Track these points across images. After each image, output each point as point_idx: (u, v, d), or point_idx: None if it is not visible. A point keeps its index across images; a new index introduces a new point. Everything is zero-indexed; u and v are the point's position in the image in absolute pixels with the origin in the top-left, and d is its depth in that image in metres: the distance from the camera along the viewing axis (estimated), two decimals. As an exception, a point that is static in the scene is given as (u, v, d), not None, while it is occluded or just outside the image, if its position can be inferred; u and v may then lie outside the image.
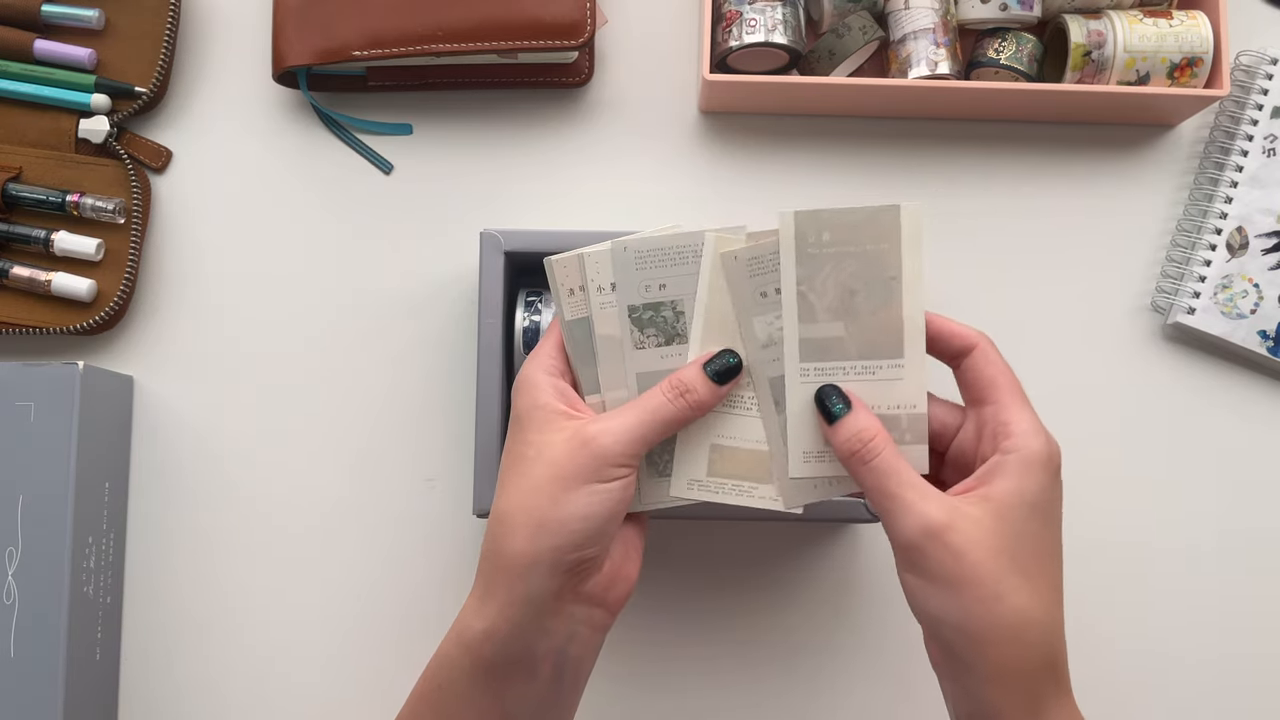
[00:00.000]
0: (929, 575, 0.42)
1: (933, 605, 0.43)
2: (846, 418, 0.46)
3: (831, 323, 0.48)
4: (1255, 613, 0.71)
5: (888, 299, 0.47)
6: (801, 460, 0.48)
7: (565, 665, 0.47)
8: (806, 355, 0.48)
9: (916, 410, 0.48)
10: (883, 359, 0.48)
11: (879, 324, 0.47)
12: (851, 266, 0.47)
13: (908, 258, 0.47)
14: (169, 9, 0.72)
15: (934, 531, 0.42)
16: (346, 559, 0.71)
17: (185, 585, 0.70)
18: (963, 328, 0.47)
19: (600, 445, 0.45)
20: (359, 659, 0.70)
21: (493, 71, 0.73)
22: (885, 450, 0.45)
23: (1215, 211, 0.72)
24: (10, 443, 0.63)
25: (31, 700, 0.62)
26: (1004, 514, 0.43)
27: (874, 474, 0.44)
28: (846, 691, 0.70)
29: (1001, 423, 0.45)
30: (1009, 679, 0.42)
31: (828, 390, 0.47)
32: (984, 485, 0.44)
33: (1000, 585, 0.42)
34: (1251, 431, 0.72)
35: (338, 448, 0.71)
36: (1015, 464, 0.44)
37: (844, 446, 0.46)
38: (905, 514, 0.43)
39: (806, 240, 0.47)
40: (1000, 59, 0.71)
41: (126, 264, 0.71)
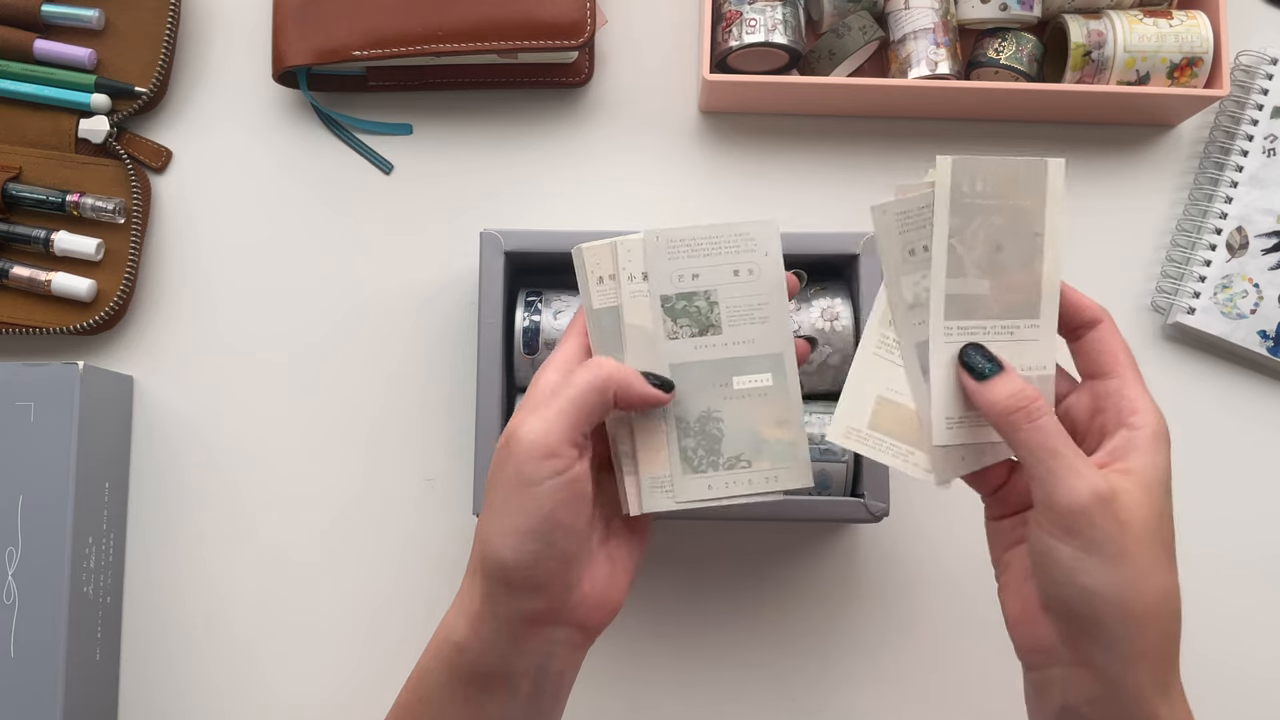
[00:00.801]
0: (1091, 544, 0.41)
1: (1088, 576, 0.41)
2: (1001, 376, 0.44)
3: (978, 279, 0.46)
4: (1255, 612, 0.71)
5: (1030, 257, 0.46)
6: (945, 427, 0.46)
7: (545, 681, 0.46)
8: (951, 313, 0.46)
9: (1046, 372, 0.46)
10: (1020, 318, 0.46)
11: (1020, 282, 0.46)
12: (999, 220, 0.46)
13: (1051, 214, 0.46)
14: (169, 9, 0.72)
15: (1105, 498, 0.41)
16: (346, 558, 0.71)
17: (185, 585, 0.70)
18: (1090, 301, 0.47)
19: (518, 440, 0.43)
20: (359, 658, 0.70)
21: (493, 71, 0.73)
22: (1050, 411, 0.43)
23: (1215, 211, 0.72)
24: (10, 443, 0.63)
25: (31, 700, 0.62)
26: (1148, 490, 0.42)
27: (1041, 432, 0.42)
28: (846, 691, 0.70)
29: (1127, 398, 0.44)
30: (1151, 656, 0.42)
31: (974, 348, 0.45)
32: (1121, 460, 0.43)
33: (1155, 561, 0.42)
34: (1251, 431, 0.72)
35: (338, 447, 0.71)
36: (1148, 440, 0.43)
37: (1006, 403, 0.43)
38: (1073, 477, 0.41)
39: (961, 189, 0.46)
40: (1000, 59, 0.71)
41: (126, 264, 0.71)
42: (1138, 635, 0.42)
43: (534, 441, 0.43)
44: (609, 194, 0.74)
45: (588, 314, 0.49)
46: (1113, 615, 0.41)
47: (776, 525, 0.71)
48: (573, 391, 0.44)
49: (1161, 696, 0.43)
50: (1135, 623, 0.41)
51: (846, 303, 0.64)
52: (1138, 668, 0.42)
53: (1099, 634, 0.42)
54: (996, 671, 0.68)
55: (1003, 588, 0.47)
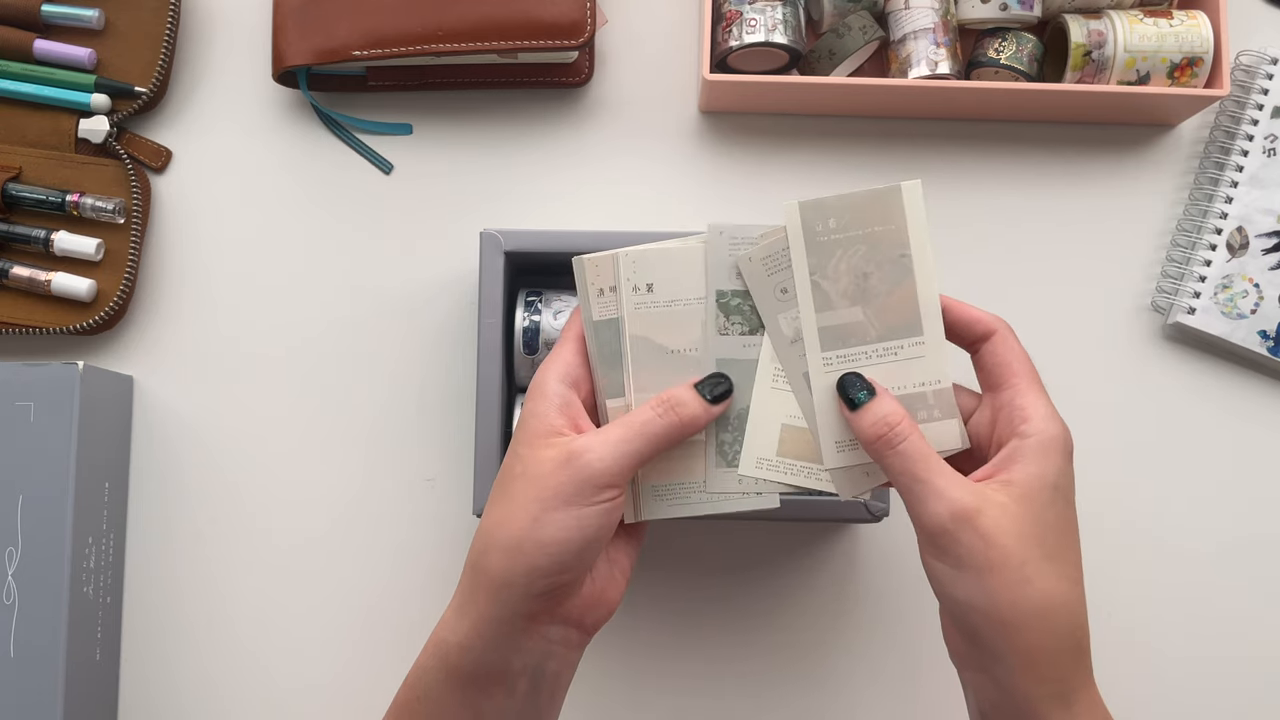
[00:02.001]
0: (957, 561, 0.42)
1: (961, 591, 0.42)
2: (870, 404, 0.45)
3: (849, 308, 0.48)
4: (1256, 612, 0.71)
5: (901, 277, 0.48)
6: (835, 450, 0.48)
7: (542, 681, 0.46)
8: (828, 344, 0.48)
9: (941, 385, 0.48)
10: (903, 338, 0.48)
11: (895, 303, 0.48)
12: (861, 249, 0.48)
13: (914, 234, 0.48)
14: (169, 9, 0.72)
15: (963, 516, 0.42)
16: (346, 558, 0.71)
17: (185, 585, 0.70)
18: (982, 313, 0.47)
19: (585, 464, 0.44)
20: (359, 658, 0.70)
21: (493, 71, 0.73)
22: (911, 435, 0.44)
23: (1215, 211, 0.72)
24: (10, 443, 0.63)
25: (31, 700, 0.62)
26: (1028, 498, 0.43)
27: (901, 458, 0.44)
28: (847, 691, 0.70)
29: (1018, 407, 0.45)
30: (1038, 665, 0.42)
31: (850, 378, 0.47)
32: (1004, 471, 0.44)
33: (1028, 569, 0.42)
34: (1251, 431, 0.72)
35: (338, 447, 0.71)
36: (1035, 448, 0.44)
37: (869, 432, 0.45)
38: (934, 499, 0.43)
39: (814, 229, 0.48)
40: (1000, 59, 0.71)
41: (126, 264, 0.71)
42: (1014, 644, 0.42)
43: (601, 470, 0.44)
44: (609, 194, 0.74)
45: (586, 326, 0.49)
46: (987, 627, 0.42)
47: (776, 525, 0.71)
48: (651, 433, 0.46)
49: (1059, 706, 0.43)
50: (1010, 632, 0.42)
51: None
52: (1023, 676, 0.42)
53: (980, 643, 0.43)
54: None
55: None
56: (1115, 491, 0.71)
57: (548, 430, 0.46)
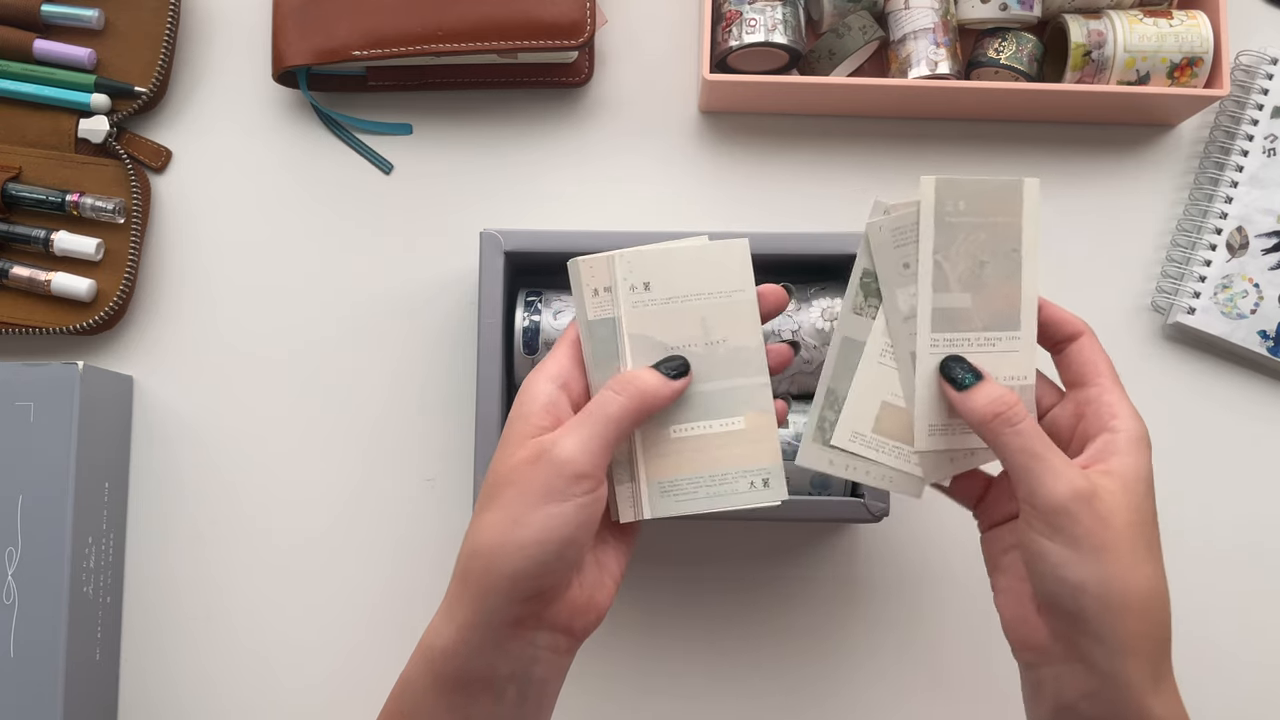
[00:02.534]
0: (1074, 540, 0.43)
1: (1074, 572, 0.43)
2: (982, 385, 0.46)
3: (962, 293, 0.48)
4: (1255, 612, 0.71)
5: (1010, 271, 0.48)
6: (928, 434, 0.49)
7: (529, 687, 0.46)
8: (938, 325, 0.49)
9: (1027, 382, 0.49)
10: (1002, 331, 0.49)
11: (1001, 296, 0.48)
12: (982, 237, 0.48)
13: (1028, 231, 0.48)
14: (169, 9, 0.72)
15: (1084, 496, 0.43)
16: (346, 559, 0.71)
17: (185, 585, 0.70)
18: (1071, 315, 0.49)
19: (553, 457, 0.44)
20: (359, 658, 0.70)
21: (493, 71, 0.73)
22: (1029, 416, 0.45)
23: (1215, 211, 0.72)
24: (10, 443, 0.63)
25: (31, 700, 0.62)
26: (1129, 489, 0.44)
27: (1021, 436, 0.44)
28: (846, 691, 0.70)
29: (1106, 404, 0.46)
30: (1141, 649, 0.43)
31: (954, 359, 0.48)
32: (1102, 462, 0.45)
33: (1137, 555, 0.43)
34: (1251, 431, 0.72)
35: (338, 447, 0.71)
36: (1128, 442, 0.45)
37: (986, 409, 0.45)
38: (1053, 477, 0.43)
39: (944, 208, 0.48)
40: (1000, 59, 0.71)
41: (126, 264, 0.71)
42: (1124, 627, 0.42)
43: (569, 461, 0.44)
44: (609, 194, 0.74)
45: (581, 326, 0.49)
46: (1098, 608, 0.43)
47: (776, 525, 0.71)
48: (612, 413, 0.45)
49: (1153, 688, 0.43)
50: (1120, 615, 0.42)
51: (846, 303, 0.63)
52: (1127, 660, 0.43)
53: (1087, 628, 0.43)
54: (996, 671, 0.68)
55: (998, 593, 0.48)
56: (1115, 491, 0.71)
57: (529, 431, 0.46)
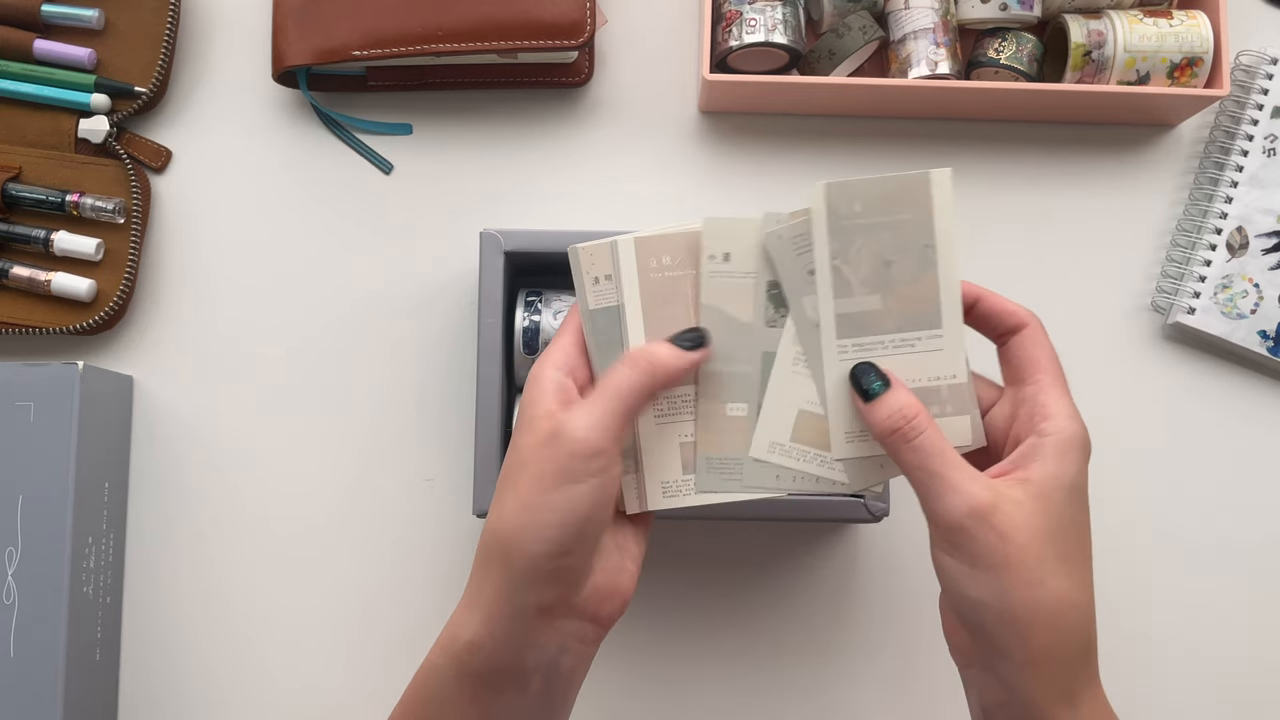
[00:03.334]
0: (972, 558, 0.42)
1: (973, 589, 0.42)
2: (886, 395, 0.45)
3: (868, 296, 0.47)
4: (1255, 613, 0.71)
5: (924, 268, 0.47)
6: (845, 440, 0.47)
7: (556, 678, 0.46)
8: (844, 331, 0.47)
9: (957, 380, 0.47)
10: (921, 330, 0.47)
11: (916, 294, 0.47)
12: (885, 237, 0.47)
13: (940, 224, 0.46)
14: (169, 9, 0.72)
15: (980, 512, 0.41)
16: (347, 559, 0.71)
17: (185, 585, 0.70)
18: (1015, 306, 0.47)
19: (567, 436, 0.43)
20: (359, 659, 0.70)
21: (493, 71, 0.73)
22: (928, 429, 0.43)
23: (1215, 211, 0.72)
24: (10, 443, 0.63)
25: (31, 700, 0.62)
26: (1045, 497, 0.42)
27: (917, 452, 0.43)
28: (846, 691, 0.70)
29: (1040, 404, 0.45)
30: (1046, 666, 0.42)
31: (864, 367, 0.46)
32: (1022, 469, 0.43)
33: (1043, 569, 0.41)
34: (1251, 431, 0.72)
35: (338, 447, 0.71)
36: (1054, 447, 0.43)
37: (884, 424, 0.44)
38: (950, 494, 0.42)
39: (839, 212, 0.46)
40: (1000, 59, 0.71)
41: (126, 264, 0.71)
42: (1026, 644, 0.41)
43: (582, 438, 0.43)
44: (609, 194, 0.74)
45: (583, 315, 0.49)
46: (996, 623, 0.42)
47: (776, 525, 0.71)
48: (623, 387, 0.44)
49: (1065, 706, 0.42)
50: (1020, 631, 0.41)
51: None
52: (1031, 675, 0.42)
53: (989, 641, 0.42)
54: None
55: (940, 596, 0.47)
56: (1115, 491, 0.71)
57: (541, 415, 0.45)
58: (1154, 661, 0.71)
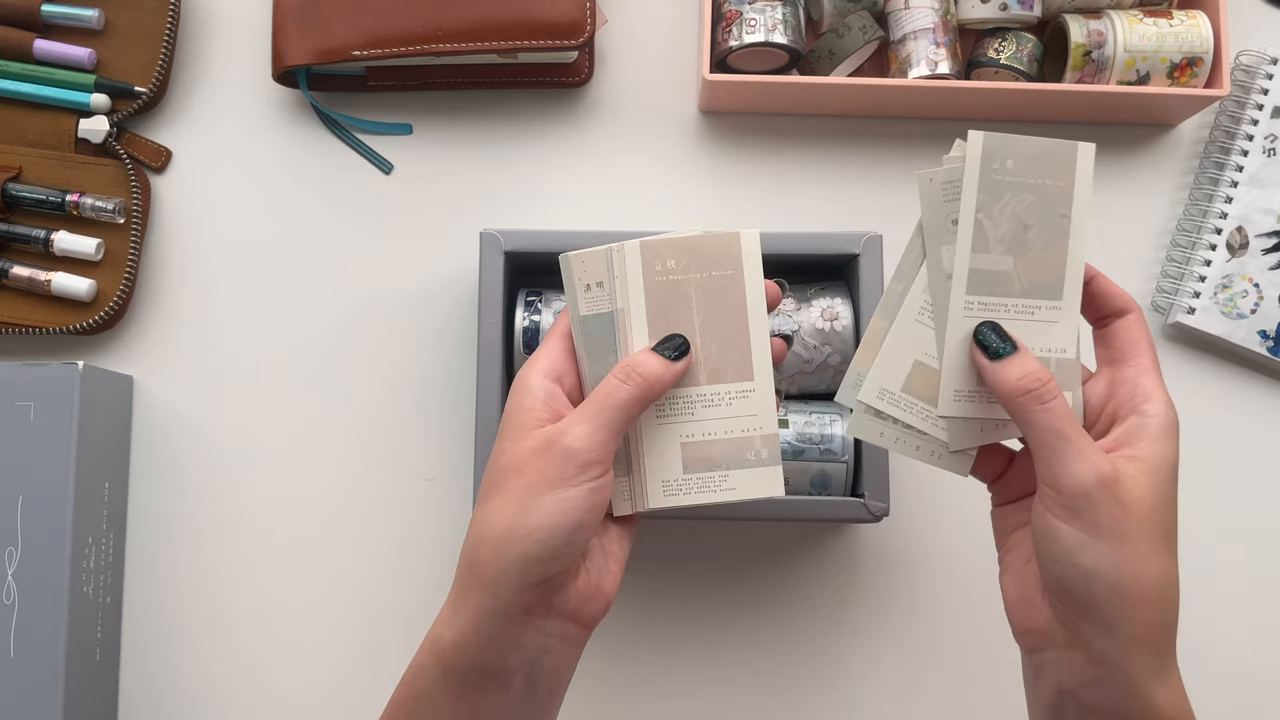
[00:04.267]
0: (1093, 526, 0.42)
1: (1089, 558, 0.42)
2: (1016, 356, 0.45)
3: (1003, 255, 0.47)
4: (1255, 613, 0.71)
5: (1056, 237, 0.47)
6: (953, 399, 0.47)
7: (539, 678, 0.46)
8: (974, 288, 0.47)
9: (1066, 355, 0.47)
10: (1043, 299, 0.47)
11: (1045, 262, 0.47)
12: (1028, 199, 0.47)
13: (1079, 197, 0.47)
14: (169, 9, 0.72)
15: (1107, 482, 0.42)
16: (347, 558, 0.71)
17: (185, 585, 0.70)
18: (1121, 291, 0.47)
19: (563, 445, 0.44)
20: (359, 658, 0.70)
21: (493, 71, 0.73)
22: (1060, 394, 0.44)
23: (1215, 211, 0.72)
24: (10, 443, 0.63)
25: (31, 700, 0.62)
26: (1155, 475, 0.43)
27: (1050, 414, 0.43)
28: (846, 691, 0.70)
29: (1142, 386, 0.45)
30: (1147, 639, 0.42)
31: (990, 326, 0.46)
32: (1128, 447, 0.44)
33: (1155, 545, 0.42)
34: (1251, 431, 0.72)
35: (338, 447, 0.71)
36: (1158, 429, 0.44)
37: (1018, 384, 0.44)
38: (1079, 460, 0.42)
39: (991, 164, 0.47)
40: (1000, 59, 0.71)
41: (126, 264, 0.71)
42: (1134, 617, 0.42)
43: (579, 450, 0.44)
44: (609, 194, 0.74)
45: (574, 322, 0.49)
46: (1110, 596, 0.42)
47: (776, 525, 0.71)
48: (620, 401, 0.46)
49: (1156, 680, 0.43)
50: (1132, 604, 0.42)
51: (846, 303, 0.64)
52: (1133, 650, 0.42)
53: (1095, 615, 0.42)
54: (996, 670, 0.68)
55: (1004, 571, 0.47)
56: (1115, 491, 0.71)
57: (531, 423, 0.46)
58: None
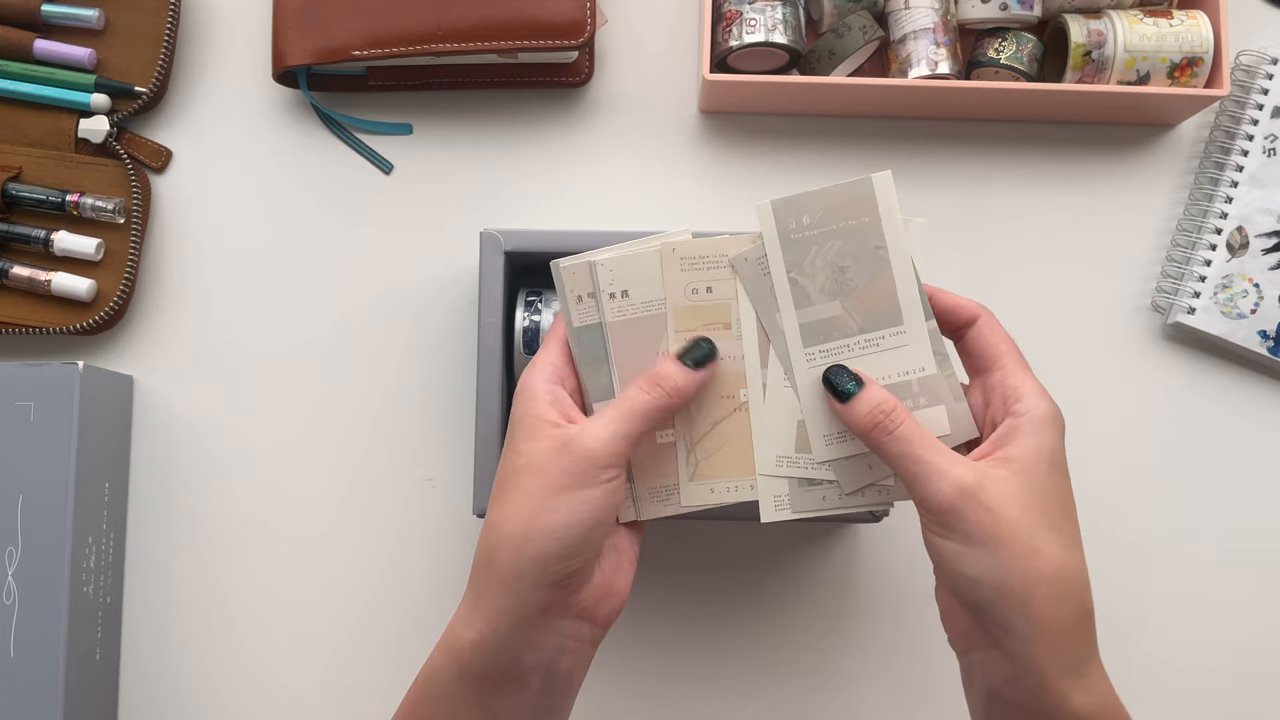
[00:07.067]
0: (965, 536, 0.43)
1: (970, 566, 0.43)
2: (861, 393, 0.46)
3: (827, 302, 0.49)
4: (1256, 613, 0.71)
5: (878, 269, 0.48)
6: (824, 444, 0.49)
7: (555, 678, 0.46)
8: (809, 339, 0.49)
9: (926, 372, 0.48)
10: (884, 328, 0.48)
11: (875, 295, 0.48)
12: (837, 244, 0.48)
13: (888, 225, 0.48)
14: (169, 9, 0.72)
15: (968, 491, 0.42)
16: (346, 559, 0.71)
17: (185, 585, 0.70)
18: (965, 300, 0.49)
19: (582, 447, 0.45)
20: (359, 659, 0.70)
21: (493, 71, 0.73)
22: (906, 420, 0.45)
23: (1215, 211, 0.72)
24: (10, 443, 0.63)
25: (31, 700, 0.62)
26: (1028, 472, 0.43)
27: (899, 442, 0.45)
28: (847, 690, 0.70)
29: (1010, 387, 0.46)
30: (1051, 635, 0.42)
31: (836, 370, 0.48)
32: (1001, 448, 0.45)
33: (1036, 539, 0.42)
34: (1251, 431, 0.72)
35: (338, 447, 0.71)
36: (1030, 424, 0.45)
37: (865, 420, 0.46)
38: (937, 477, 0.43)
39: (788, 227, 0.49)
40: (1000, 59, 0.71)
41: (126, 264, 0.71)
42: (1027, 615, 0.42)
43: (597, 450, 0.45)
44: (609, 194, 0.74)
45: (569, 330, 0.50)
46: (997, 598, 0.42)
47: (776, 525, 0.71)
48: (643, 410, 0.46)
49: (1071, 676, 0.43)
50: (1021, 603, 0.42)
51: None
52: (1037, 647, 0.42)
53: (992, 619, 0.43)
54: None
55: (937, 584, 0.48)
56: (1114, 491, 0.71)
57: (545, 425, 0.46)
58: (1151, 663, 0.71)
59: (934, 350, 0.48)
